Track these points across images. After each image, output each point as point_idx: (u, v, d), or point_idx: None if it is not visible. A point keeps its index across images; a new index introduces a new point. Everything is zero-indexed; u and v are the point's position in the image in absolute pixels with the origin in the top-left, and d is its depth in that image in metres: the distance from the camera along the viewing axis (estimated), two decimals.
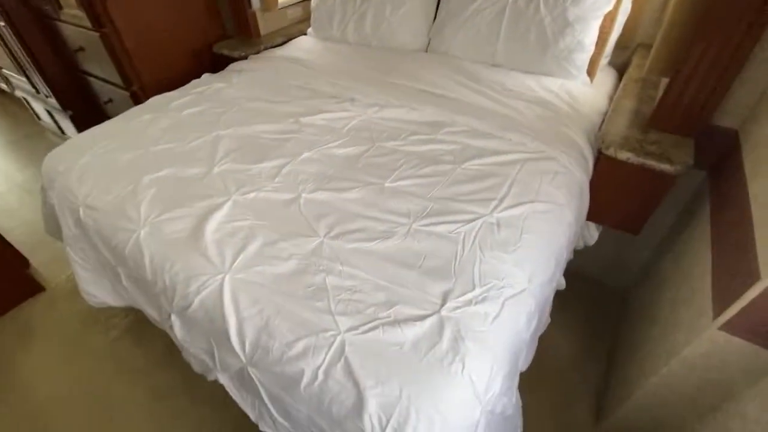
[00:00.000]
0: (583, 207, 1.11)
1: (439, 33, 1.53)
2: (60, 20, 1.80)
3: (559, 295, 1.13)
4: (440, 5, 1.53)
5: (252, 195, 0.98)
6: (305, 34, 1.90)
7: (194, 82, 1.55)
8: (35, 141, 2.75)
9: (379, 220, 0.90)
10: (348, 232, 0.87)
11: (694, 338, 0.85)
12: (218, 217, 0.92)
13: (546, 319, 1.04)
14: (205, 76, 1.58)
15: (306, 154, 1.11)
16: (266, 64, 1.61)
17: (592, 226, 1.29)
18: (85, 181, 1.09)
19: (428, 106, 1.27)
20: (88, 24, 1.60)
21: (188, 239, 0.89)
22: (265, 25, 1.89)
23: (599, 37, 1.32)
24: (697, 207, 1.18)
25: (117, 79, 1.77)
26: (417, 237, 0.86)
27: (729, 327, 0.77)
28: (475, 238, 0.85)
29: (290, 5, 1.97)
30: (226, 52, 1.79)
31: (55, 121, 2.50)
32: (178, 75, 1.79)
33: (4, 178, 2.43)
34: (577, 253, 1.33)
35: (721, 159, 1.13)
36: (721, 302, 0.80)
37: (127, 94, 1.79)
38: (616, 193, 1.15)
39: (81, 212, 1.05)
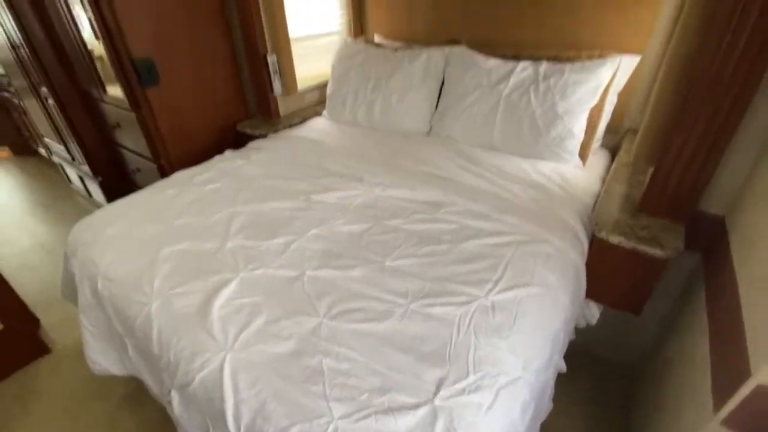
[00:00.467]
0: (580, 288, 1.13)
1: (441, 120, 1.68)
2: (103, 101, 2.02)
3: (563, 377, 1.11)
4: (441, 96, 1.70)
5: (259, 271, 1.04)
6: (320, 115, 2.09)
7: (217, 157, 1.69)
8: (64, 203, 2.93)
9: (378, 300, 0.94)
10: (348, 312, 0.91)
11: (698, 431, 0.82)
12: (226, 293, 0.97)
13: (547, 405, 1.02)
14: (228, 153, 1.73)
15: (313, 231, 1.18)
16: (283, 143, 1.76)
17: (592, 304, 1.30)
18: (107, 252, 1.17)
19: (430, 186, 1.37)
20: (127, 106, 1.80)
21: (196, 314, 0.93)
22: (284, 106, 2.09)
23: (588, 126, 1.43)
24: (694, 290, 1.19)
25: (147, 153, 1.94)
26: (414, 318, 0.89)
27: (729, 423, 0.75)
28: (470, 321, 0.88)
29: (308, 91, 2.19)
30: (248, 130, 1.97)
31: (85, 186, 2.69)
32: (203, 150, 1.97)
33: (30, 236, 2.56)
34: (580, 331, 1.33)
35: (711, 244, 1.16)
36: (719, 396, 0.79)
37: (154, 166, 1.95)
38: (612, 275, 1.17)
39: (99, 283, 1.11)
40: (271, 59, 1.91)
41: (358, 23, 2.18)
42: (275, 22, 1.86)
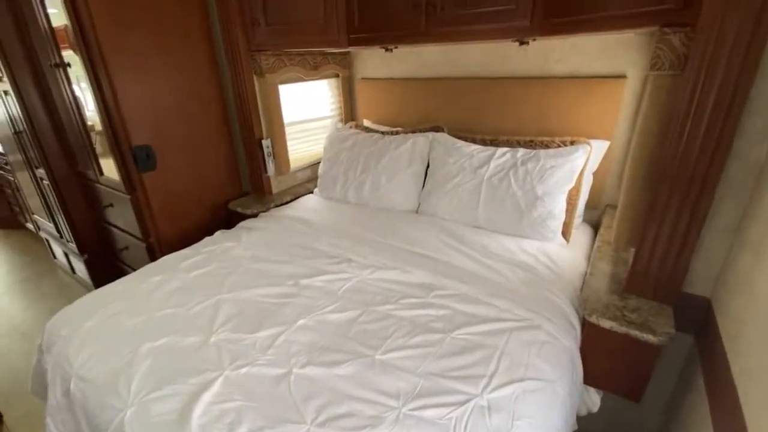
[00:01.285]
0: (576, 376, 1.10)
1: (427, 199, 1.74)
2: (98, 182, 2.07)
3: None
4: (427, 177, 1.78)
5: (244, 370, 0.99)
6: (312, 192, 2.15)
7: (206, 240, 1.70)
8: (46, 279, 2.85)
9: (368, 402, 0.89)
10: (335, 418, 0.86)
11: None
12: (207, 397, 0.91)
13: None
14: (218, 234, 1.74)
15: (301, 321, 1.16)
16: (274, 223, 1.79)
17: (592, 391, 1.25)
18: (84, 349, 1.12)
19: (419, 268, 1.37)
20: (123, 188, 1.84)
21: (174, 423, 0.87)
22: (277, 184, 2.16)
23: (568, 205, 1.50)
24: (693, 373, 1.16)
25: (137, 232, 1.94)
26: (406, 424, 0.84)
27: None
28: (466, 425, 0.83)
29: (300, 170, 2.28)
30: (239, 209, 2.00)
31: (69, 262, 2.64)
32: (193, 228, 1.98)
33: (5, 316, 2.44)
34: (583, 419, 1.26)
35: (702, 327, 1.16)
36: None
37: (143, 245, 1.94)
38: (607, 360, 1.15)
39: (72, 383, 1.05)
40: (266, 143, 2.01)
41: (349, 110, 2.34)
42: (271, 110, 1.98)
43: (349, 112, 2.35)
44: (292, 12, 1.69)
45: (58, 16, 1.62)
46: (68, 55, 1.71)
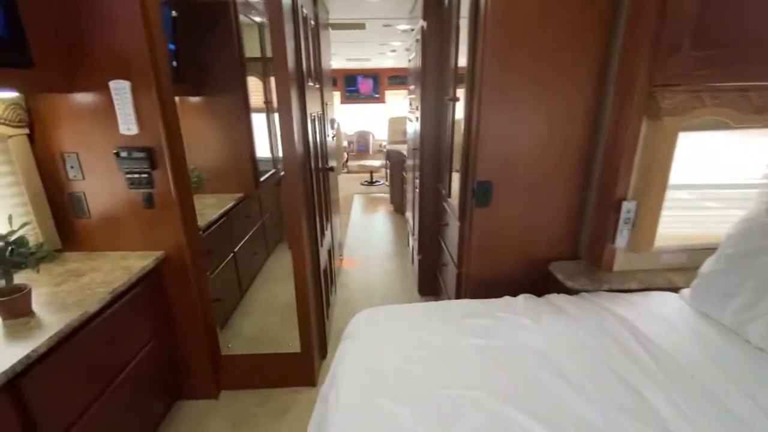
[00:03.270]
0: None
1: None
2: (445, 200, 2.27)
3: None
4: None
5: None
6: (676, 291, 1.43)
7: (505, 300, 1.46)
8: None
9: None
10: None
11: None
12: None
13: None
14: (520, 300, 1.45)
15: None
16: (594, 318, 1.28)
17: None
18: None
19: None
20: (457, 214, 1.89)
21: None
22: (624, 260, 1.58)
23: None
24: None
25: (455, 256, 1.98)
26: None
27: None
28: None
29: (670, 252, 1.57)
30: (559, 276, 1.61)
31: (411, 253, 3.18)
32: (504, 274, 1.79)
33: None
34: None
35: None
36: None
37: (455, 270, 1.96)
38: None
39: None
40: (627, 206, 1.48)
41: None
42: (652, 165, 1.43)
43: None
44: (750, 30, 1.05)
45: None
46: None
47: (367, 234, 4.32)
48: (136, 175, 1.52)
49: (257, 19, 2.82)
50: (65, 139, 1.49)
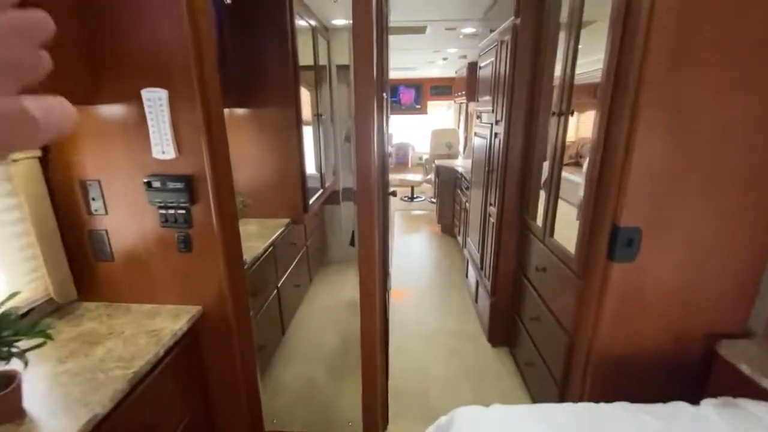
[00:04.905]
0: None
1: None
2: (541, 240, 1.81)
3: None
4: None
5: None
6: None
7: (683, 408, 0.99)
8: (455, 292, 3.15)
9: None
10: None
11: None
12: None
13: None
14: (712, 411, 0.98)
15: None
16: None
17: None
18: None
19: None
20: (572, 266, 1.44)
21: None
22: None
23: None
24: None
25: (561, 316, 1.52)
26: None
27: None
28: None
29: None
30: (733, 361, 1.12)
31: (477, 290, 2.71)
32: (644, 350, 1.32)
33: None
34: None
35: None
36: None
37: (564, 335, 1.50)
38: None
39: None
40: None
41: None
42: None
43: None
44: None
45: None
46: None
47: (414, 259, 3.89)
48: (172, 211, 1.17)
49: (312, 22, 2.49)
50: (86, 163, 1.16)
